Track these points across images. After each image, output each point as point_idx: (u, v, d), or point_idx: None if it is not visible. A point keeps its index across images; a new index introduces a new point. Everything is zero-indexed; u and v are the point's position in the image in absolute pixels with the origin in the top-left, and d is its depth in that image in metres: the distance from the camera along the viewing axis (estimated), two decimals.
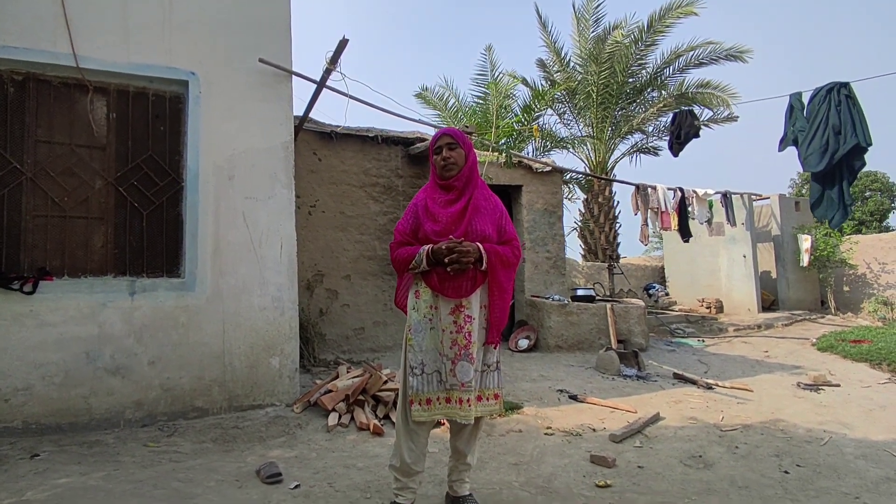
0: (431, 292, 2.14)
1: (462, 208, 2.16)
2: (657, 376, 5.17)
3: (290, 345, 3.84)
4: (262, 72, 3.90)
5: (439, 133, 2.25)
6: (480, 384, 2.16)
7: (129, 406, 3.37)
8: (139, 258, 3.61)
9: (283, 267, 3.86)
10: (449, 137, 2.21)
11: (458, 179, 2.19)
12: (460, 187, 2.19)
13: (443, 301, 2.12)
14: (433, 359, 2.13)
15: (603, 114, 11.00)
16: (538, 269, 7.25)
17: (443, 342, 2.11)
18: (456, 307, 2.11)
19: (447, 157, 2.17)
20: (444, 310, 2.12)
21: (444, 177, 2.19)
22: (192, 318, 3.57)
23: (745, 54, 10.20)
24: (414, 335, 2.16)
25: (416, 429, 2.16)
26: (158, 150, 3.71)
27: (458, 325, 2.10)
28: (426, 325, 2.15)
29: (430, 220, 2.15)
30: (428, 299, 2.15)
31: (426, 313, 2.15)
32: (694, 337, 8.15)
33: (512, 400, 4.05)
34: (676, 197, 7.94)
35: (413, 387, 2.13)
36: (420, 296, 2.17)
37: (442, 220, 2.14)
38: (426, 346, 2.14)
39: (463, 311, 2.11)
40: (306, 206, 5.89)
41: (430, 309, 2.14)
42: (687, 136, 7.37)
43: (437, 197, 2.21)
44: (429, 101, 11.90)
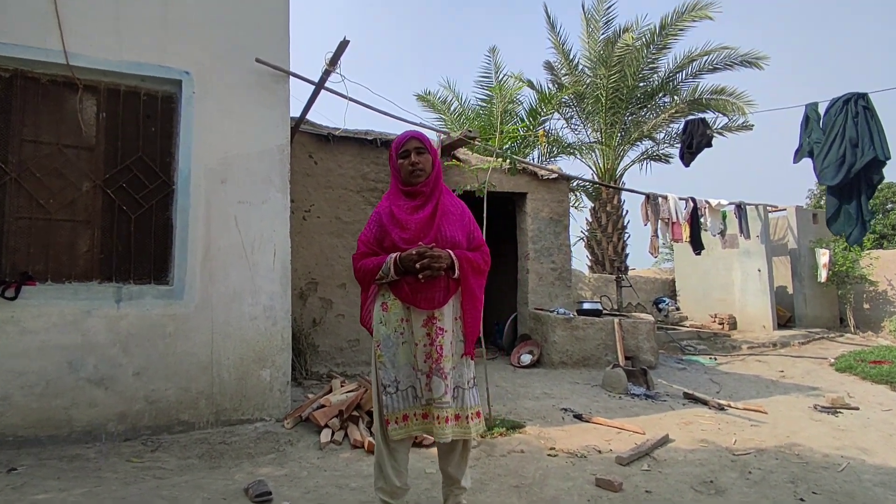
0: (402, 304, 2.12)
1: (430, 214, 2.15)
2: (667, 396, 5.16)
3: (281, 356, 3.85)
4: (258, 72, 3.95)
5: (406, 136, 2.21)
6: (462, 403, 2.13)
7: (112, 419, 3.37)
8: (126, 264, 3.63)
9: (276, 274, 3.88)
10: (417, 141, 2.18)
11: (425, 185, 2.18)
12: (427, 193, 2.18)
13: (415, 313, 2.11)
14: (407, 374, 2.12)
15: (612, 119, 11.07)
16: (542, 280, 7.27)
17: (416, 356, 2.10)
18: (429, 319, 2.10)
19: (416, 163, 2.15)
20: (417, 322, 2.11)
21: (410, 183, 2.17)
22: (179, 327, 3.58)
23: (762, 60, 10.29)
24: (384, 351, 2.14)
25: (395, 447, 2.16)
26: (149, 152, 3.75)
27: (430, 338, 2.09)
28: (397, 340, 2.13)
29: (398, 228, 2.13)
30: (398, 312, 2.14)
31: (396, 327, 2.14)
32: (706, 354, 8.13)
33: (513, 418, 4.04)
34: (688, 207, 7.97)
35: (387, 405, 2.12)
36: (389, 308, 2.15)
37: (410, 227, 2.12)
38: (399, 362, 2.12)
39: (435, 323, 2.10)
40: (300, 211, 5.92)
41: (402, 322, 2.13)
42: (699, 145, 7.42)
43: (403, 203, 2.18)
44: (431, 104, 11.99)
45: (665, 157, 12.13)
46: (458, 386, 2.14)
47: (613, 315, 7.18)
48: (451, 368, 2.12)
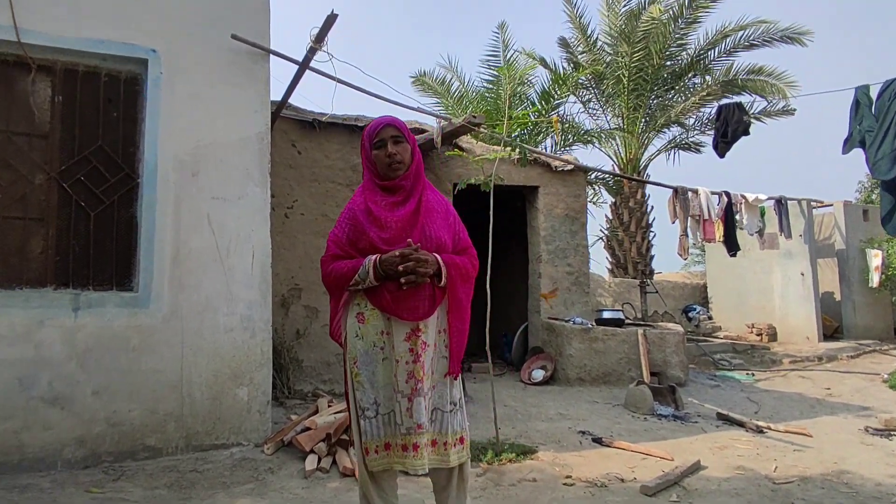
0: (382, 315, 2.09)
1: (413, 210, 2.12)
2: (698, 416, 5.16)
3: (261, 373, 3.85)
4: (234, 50, 3.95)
5: (380, 123, 2.16)
6: (440, 426, 2.11)
7: (69, 443, 3.37)
8: (85, 267, 3.63)
9: (255, 280, 3.89)
10: (394, 129, 2.14)
11: (405, 179, 2.15)
12: (408, 188, 2.15)
13: (396, 325, 2.07)
14: (387, 396, 2.08)
15: (635, 102, 11.07)
16: (557, 285, 7.27)
17: (397, 376, 2.05)
18: (412, 332, 2.07)
19: (393, 154, 2.11)
20: (399, 335, 2.06)
21: (388, 176, 2.14)
22: (145, 340, 3.58)
23: (805, 36, 10.29)
24: (362, 369, 2.10)
25: (381, 475, 2.14)
26: (110, 140, 3.75)
27: (414, 354, 2.06)
28: (376, 356, 2.09)
29: (376, 227, 2.09)
30: (378, 324, 2.09)
31: (375, 341, 2.09)
32: (742, 370, 8.12)
33: (524, 443, 4.04)
34: (722, 203, 7.96)
35: (367, 432, 2.08)
36: (366, 320, 2.11)
37: (391, 226, 2.09)
38: (379, 381, 2.08)
39: (419, 337, 2.07)
40: (282, 208, 5.93)
41: (381, 335, 2.09)
42: (734, 133, 7.41)
43: (380, 199, 2.15)
44: (428, 87, 11.99)
45: (695, 145, 12.13)
46: (437, 408, 2.12)
47: (637, 325, 7.17)
48: (430, 388, 2.10)
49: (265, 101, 4.07)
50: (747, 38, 10.67)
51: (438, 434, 2.11)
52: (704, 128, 11.71)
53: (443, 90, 11.89)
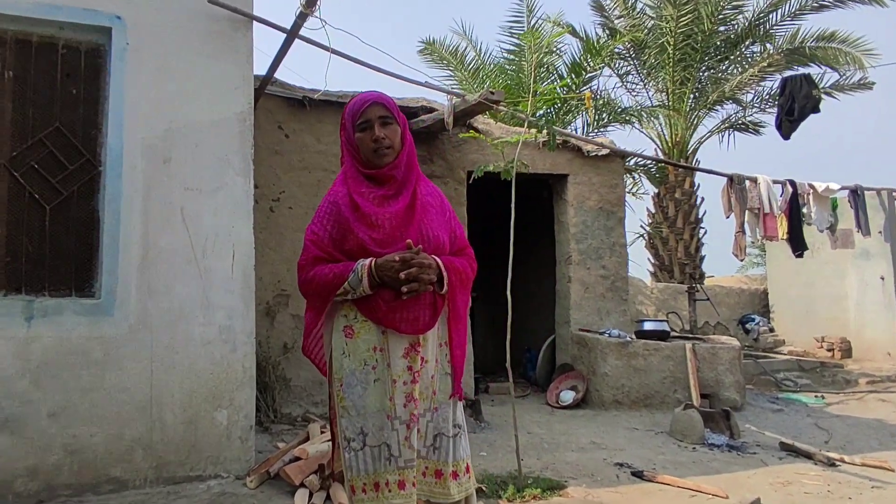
0: (375, 328, 2.06)
1: (407, 205, 2.09)
2: (757, 446, 5.13)
3: (243, 393, 3.87)
4: (212, 17, 3.98)
5: (365, 100, 2.11)
6: (443, 454, 2.10)
7: (21, 474, 3.40)
8: (39, 269, 3.67)
9: (236, 284, 3.91)
10: (381, 108, 2.10)
11: (395, 167, 2.12)
12: (400, 178, 2.13)
13: (392, 340, 2.05)
14: (378, 425, 2.04)
15: (682, 75, 11.03)
16: (589, 291, 7.24)
17: (394, 400, 2.03)
18: (410, 347, 2.06)
19: (380, 138, 2.07)
20: (396, 352, 2.05)
21: (375, 164, 2.11)
22: (109, 354, 3.61)
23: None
24: (347, 392, 2.07)
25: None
26: (69, 122, 3.79)
27: (412, 374, 2.05)
28: (366, 377, 2.06)
29: (365, 225, 2.06)
30: (369, 338, 2.07)
31: (366, 359, 2.06)
32: (809, 391, 8.05)
33: (551, 476, 4.03)
34: (786, 194, 7.88)
35: (353, 467, 2.05)
36: (355, 334, 2.08)
37: (383, 224, 2.06)
38: (368, 408, 2.05)
39: (418, 353, 2.07)
40: (267, 200, 5.96)
41: (373, 352, 2.06)
42: (802, 110, 7.36)
43: (367, 191, 2.11)
44: (438, 57, 12.00)
45: (754, 125, 12.05)
46: (440, 433, 2.12)
47: (685, 338, 7.13)
48: (429, 409, 2.11)
49: (247, 75, 4.09)
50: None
51: (442, 463, 2.10)
52: (765, 104, 11.63)
53: (455, 61, 11.90)
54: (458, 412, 2.18)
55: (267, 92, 5.66)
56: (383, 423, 2.04)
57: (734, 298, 12.25)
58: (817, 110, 7.48)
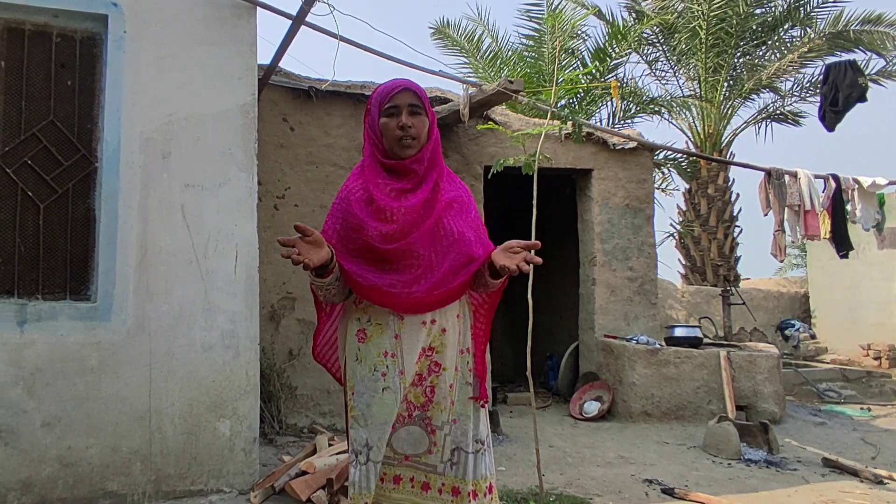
0: (386, 329, 2.07)
1: (425, 199, 2.08)
2: (798, 462, 5.10)
3: (246, 402, 3.89)
4: (213, 3, 4.01)
5: (396, 85, 2.11)
6: (462, 471, 2.10)
7: (14, 487, 3.45)
8: (33, 272, 3.72)
9: (239, 287, 3.93)
10: (413, 95, 2.08)
11: (417, 161, 2.10)
12: (421, 173, 2.11)
13: (407, 340, 2.06)
14: (381, 437, 2.06)
15: (716, 62, 10.97)
16: (615, 295, 7.21)
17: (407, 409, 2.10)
18: (424, 351, 2.08)
19: (407, 126, 2.04)
20: (409, 357, 2.06)
21: (397, 154, 2.09)
22: (105, 361, 3.65)
23: None
24: (356, 400, 2.10)
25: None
26: (63, 115, 3.83)
27: (418, 377, 2.09)
28: (376, 385, 2.06)
29: (376, 219, 2.06)
30: (381, 342, 2.07)
31: (377, 364, 2.07)
32: (854, 403, 7.99)
33: (574, 493, 4.04)
34: (828, 189, 7.81)
35: (355, 483, 2.07)
36: (368, 338, 2.10)
37: (396, 218, 2.05)
38: (374, 418, 2.06)
39: (431, 357, 2.09)
40: (271, 197, 5.99)
41: (384, 357, 2.06)
42: (847, 100, 7.29)
43: (384, 183, 2.10)
44: (453, 42, 12.01)
45: (794, 116, 11.97)
46: (458, 447, 2.11)
47: (719, 346, 7.09)
48: (447, 422, 2.11)
49: (251, 65, 4.11)
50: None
51: (460, 481, 2.09)
52: (806, 93, 11.56)
53: (471, 48, 11.90)
54: (482, 426, 2.16)
55: (271, 82, 5.69)
56: (386, 437, 2.07)
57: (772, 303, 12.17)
58: (864, 99, 7.39)
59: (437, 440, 2.10)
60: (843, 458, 5.07)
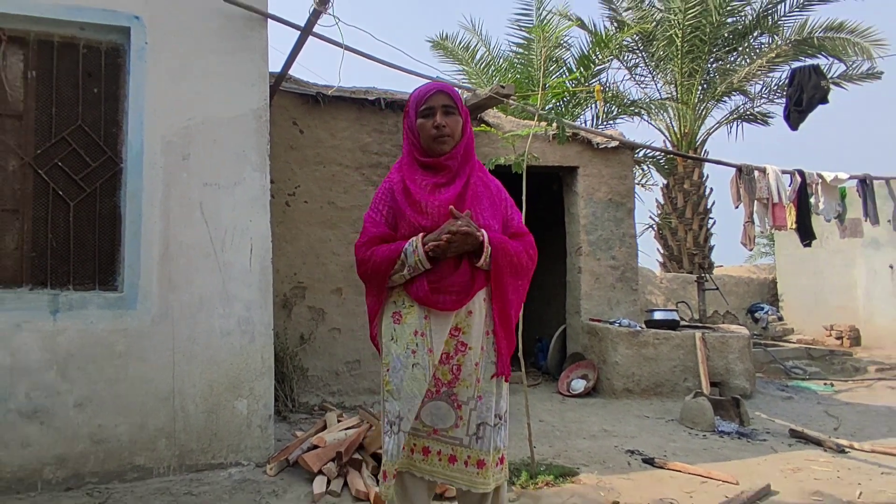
0: (418, 313, 2.10)
1: (458, 195, 2.13)
2: (767, 433, 5.11)
3: (261, 383, 3.90)
4: (227, 15, 3.98)
5: (431, 88, 2.18)
6: (490, 444, 2.10)
7: (50, 462, 3.45)
8: (64, 264, 3.71)
9: (254, 277, 3.93)
10: (446, 97, 2.15)
11: (451, 157, 2.16)
12: (455, 168, 2.16)
13: (436, 322, 2.09)
14: (412, 409, 2.08)
15: (691, 67, 10.93)
16: (599, 282, 7.22)
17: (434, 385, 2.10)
18: (451, 331, 2.09)
19: (442, 125, 2.11)
20: (438, 336, 2.08)
21: (433, 152, 2.15)
22: (132, 346, 3.65)
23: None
24: (392, 376, 2.12)
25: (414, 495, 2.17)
26: (91, 120, 3.82)
27: (446, 356, 2.10)
28: (407, 360, 2.09)
29: (415, 210, 2.12)
30: (413, 323, 2.10)
31: (409, 343, 2.09)
32: (818, 379, 8.02)
33: (563, 463, 4.04)
34: (794, 183, 7.80)
35: (387, 451, 2.09)
36: (402, 319, 2.13)
37: (431, 211, 2.11)
38: (404, 392, 2.08)
39: (457, 337, 2.10)
40: (283, 195, 5.98)
41: (415, 336, 2.09)
42: (810, 101, 7.28)
43: (420, 179, 2.16)
44: (449, 52, 11.98)
45: (762, 116, 11.94)
46: (483, 422, 2.11)
47: (694, 327, 7.10)
48: (473, 398, 2.11)
49: (263, 72, 4.09)
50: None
51: (485, 453, 2.10)
52: (773, 95, 11.52)
53: (466, 56, 11.87)
54: (503, 402, 2.18)
55: (282, 89, 5.67)
56: (416, 409, 2.08)
57: (743, 288, 12.19)
58: (826, 101, 7.38)
59: (463, 415, 2.10)
60: (808, 430, 5.09)
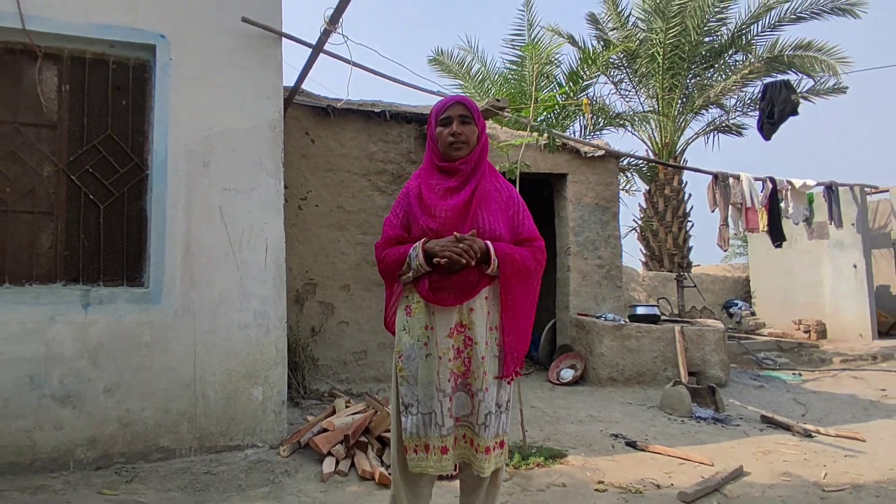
0: (426, 308, 2.14)
1: (466, 200, 2.15)
2: (740, 419, 5.13)
3: (275, 371, 3.92)
4: (245, 34, 4.00)
5: (450, 100, 2.23)
6: (492, 429, 2.13)
7: (81, 443, 3.48)
8: (95, 262, 3.73)
9: (269, 275, 3.95)
10: (462, 107, 2.19)
11: (465, 162, 2.19)
12: (467, 172, 2.19)
13: (440, 318, 2.11)
14: (428, 395, 2.10)
15: (671, 82, 10.93)
16: (587, 279, 7.24)
17: (439, 374, 2.09)
18: (456, 327, 2.11)
19: (458, 133, 2.16)
20: (442, 331, 2.11)
21: (449, 157, 2.19)
22: (157, 337, 3.67)
23: (858, 7, 10.05)
24: (406, 364, 2.15)
25: (416, 479, 2.17)
26: (119, 130, 3.84)
27: (457, 350, 2.11)
28: (420, 352, 2.13)
29: (425, 214, 2.15)
30: (422, 317, 2.14)
31: (420, 335, 2.13)
32: (788, 369, 8.02)
33: (553, 446, 4.06)
34: (766, 189, 7.85)
35: (407, 429, 2.12)
36: (412, 312, 2.16)
37: (439, 215, 2.13)
38: (421, 379, 2.12)
39: (464, 332, 2.12)
40: (296, 199, 6.00)
41: (426, 330, 2.13)
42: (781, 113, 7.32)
43: (435, 183, 2.19)
44: (447, 68, 11.96)
45: (737, 128, 11.94)
46: (489, 412, 2.13)
47: (674, 322, 7.12)
48: (481, 389, 2.11)
49: (277, 86, 4.11)
50: (794, 10, 10.45)
51: (490, 439, 2.12)
52: (747, 109, 11.52)
53: (462, 72, 11.86)
54: (503, 392, 2.19)
55: (295, 101, 5.69)
56: (432, 394, 2.10)
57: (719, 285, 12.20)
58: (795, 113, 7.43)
59: (475, 404, 2.13)
60: (777, 416, 5.10)
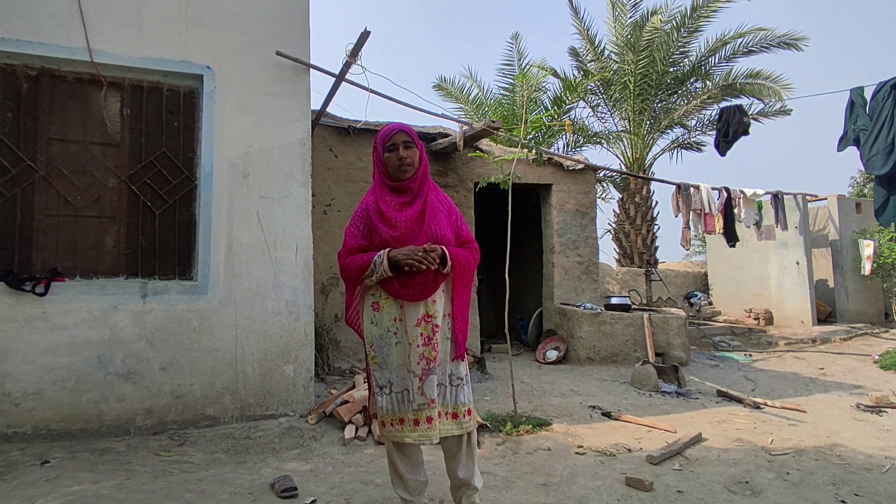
0: (394, 302, 2.13)
1: (419, 211, 2.15)
2: (699, 393, 5.12)
3: (304, 352, 3.92)
4: (279, 65, 4.00)
5: (392, 129, 2.19)
6: (454, 400, 2.16)
7: (140, 413, 3.49)
8: (151, 259, 3.74)
9: (299, 269, 3.95)
10: (405, 135, 2.18)
11: (413, 181, 2.18)
12: (415, 189, 2.18)
13: (408, 311, 2.11)
14: (401, 376, 2.12)
15: (641, 106, 10.91)
16: (569, 274, 7.23)
17: (410, 358, 2.10)
18: (423, 317, 2.11)
19: (403, 157, 2.14)
20: (411, 320, 2.11)
21: (398, 178, 2.17)
22: (204, 323, 3.68)
23: (800, 42, 10.01)
24: (377, 352, 2.16)
25: (400, 444, 2.19)
26: (172, 147, 3.84)
27: (425, 338, 2.11)
28: (390, 340, 2.13)
29: (386, 225, 2.14)
30: (391, 311, 2.13)
31: (389, 326, 2.13)
32: (740, 351, 8.01)
33: (540, 416, 4.05)
34: (722, 198, 7.82)
35: (382, 406, 2.13)
36: (381, 307, 2.15)
37: (400, 225, 2.13)
38: (393, 363, 2.13)
39: (431, 321, 2.12)
40: (321, 205, 6.00)
41: (395, 321, 2.13)
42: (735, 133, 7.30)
43: (390, 199, 2.17)
44: (449, 94, 11.95)
45: (697, 145, 11.91)
46: (441, 383, 2.15)
47: (643, 310, 7.11)
48: (437, 367, 2.14)
49: (306, 109, 4.11)
50: (746, 44, 10.41)
51: (454, 406, 2.16)
52: (705, 128, 11.50)
53: (463, 97, 11.85)
54: (461, 368, 2.21)
55: (321, 122, 5.69)
56: (404, 375, 2.12)
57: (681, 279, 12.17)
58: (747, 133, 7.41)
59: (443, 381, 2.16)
60: (731, 391, 5.09)
